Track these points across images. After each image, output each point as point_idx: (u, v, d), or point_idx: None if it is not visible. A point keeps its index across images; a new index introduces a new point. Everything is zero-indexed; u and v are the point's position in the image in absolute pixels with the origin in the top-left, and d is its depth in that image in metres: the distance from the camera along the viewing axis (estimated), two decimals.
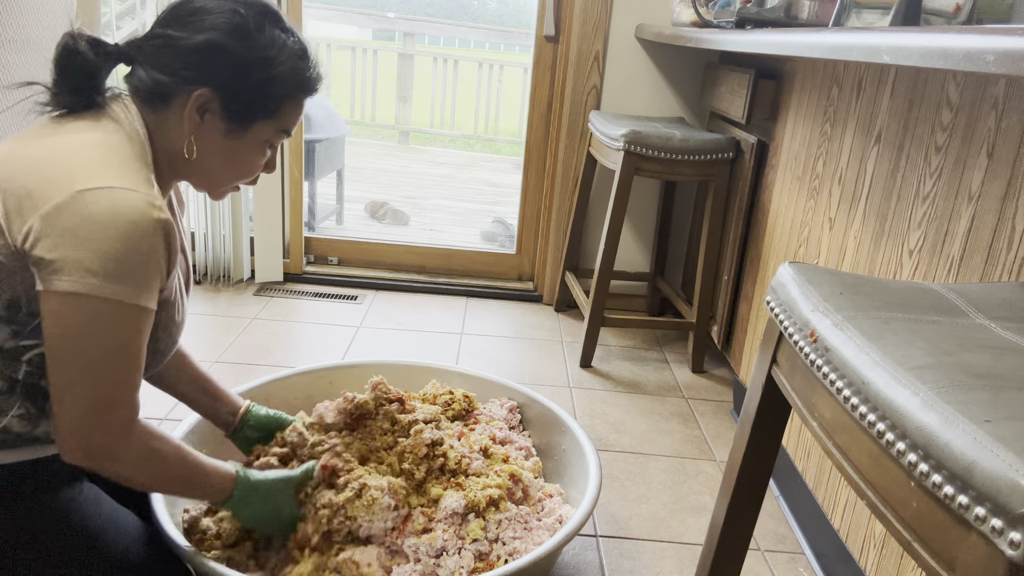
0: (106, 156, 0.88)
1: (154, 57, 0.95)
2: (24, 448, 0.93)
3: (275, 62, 0.97)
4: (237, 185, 1.07)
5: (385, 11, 7.32)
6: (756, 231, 2.00)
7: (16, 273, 0.85)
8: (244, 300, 2.52)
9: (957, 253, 1.12)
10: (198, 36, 0.94)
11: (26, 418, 0.92)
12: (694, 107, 2.58)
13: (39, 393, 0.92)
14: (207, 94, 0.95)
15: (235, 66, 0.95)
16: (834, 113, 1.57)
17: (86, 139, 0.89)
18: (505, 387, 1.64)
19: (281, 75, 0.98)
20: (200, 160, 0.99)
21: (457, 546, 1.19)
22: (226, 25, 0.94)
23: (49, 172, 0.84)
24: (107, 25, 2.49)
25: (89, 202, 0.82)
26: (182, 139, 0.97)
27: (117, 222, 0.82)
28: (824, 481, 1.46)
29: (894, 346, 0.63)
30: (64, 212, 0.82)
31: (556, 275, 2.71)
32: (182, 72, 0.94)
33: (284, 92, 1.00)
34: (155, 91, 0.95)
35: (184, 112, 0.95)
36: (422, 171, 5.79)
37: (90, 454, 0.88)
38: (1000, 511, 0.46)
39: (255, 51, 0.96)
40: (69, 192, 0.82)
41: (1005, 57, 0.65)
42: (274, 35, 0.98)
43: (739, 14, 1.77)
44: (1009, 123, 1.03)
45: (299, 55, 1.01)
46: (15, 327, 0.88)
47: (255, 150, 1.03)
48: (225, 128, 0.98)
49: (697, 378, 2.28)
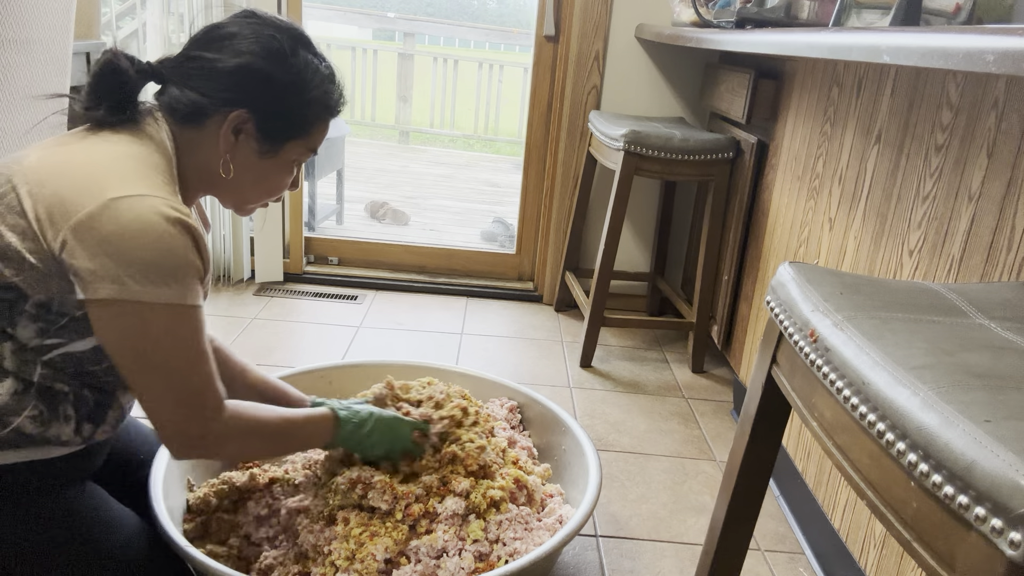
0: (136, 167, 0.90)
1: (190, 78, 0.98)
2: (33, 448, 0.94)
3: (309, 85, 1.01)
4: (266, 203, 1.11)
5: (385, 11, 7.32)
6: (756, 231, 2.00)
7: (51, 277, 0.87)
8: (244, 300, 2.52)
9: (957, 253, 1.12)
10: (235, 60, 0.97)
11: (38, 419, 0.92)
12: (694, 107, 2.58)
13: (53, 395, 0.93)
14: (243, 115, 0.98)
15: (271, 89, 0.99)
16: (834, 113, 1.57)
17: (118, 150, 0.92)
18: (505, 387, 1.64)
19: (314, 98, 1.02)
20: (231, 178, 1.02)
21: (457, 547, 1.19)
22: (262, 50, 0.98)
23: (81, 180, 0.87)
24: (107, 25, 2.49)
25: (122, 210, 0.85)
26: (214, 158, 1.00)
27: (149, 228, 0.85)
28: (824, 481, 1.46)
29: (894, 346, 0.63)
30: (97, 220, 0.84)
31: (556, 275, 2.71)
32: (219, 94, 0.97)
33: (315, 114, 1.04)
34: (191, 111, 0.98)
35: (219, 132, 0.98)
36: (422, 171, 5.79)
37: (194, 447, 0.95)
38: (1000, 511, 0.46)
39: (290, 75, 1.00)
40: (101, 200, 0.85)
41: (1005, 57, 0.65)
42: (307, 59, 1.02)
43: (739, 14, 1.77)
44: (1009, 123, 1.03)
45: (329, 79, 1.05)
46: (42, 325, 0.90)
47: (284, 169, 1.07)
48: (259, 149, 1.01)
49: (697, 378, 2.28)
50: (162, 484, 1.17)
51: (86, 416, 0.97)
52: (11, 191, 0.88)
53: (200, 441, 0.94)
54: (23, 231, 0.86)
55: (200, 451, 0.97)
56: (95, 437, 1.00)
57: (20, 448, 0.92)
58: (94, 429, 0.99)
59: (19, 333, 0.90)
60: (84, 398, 0.97)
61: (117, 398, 1.02)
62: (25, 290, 0.88)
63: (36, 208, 0.86)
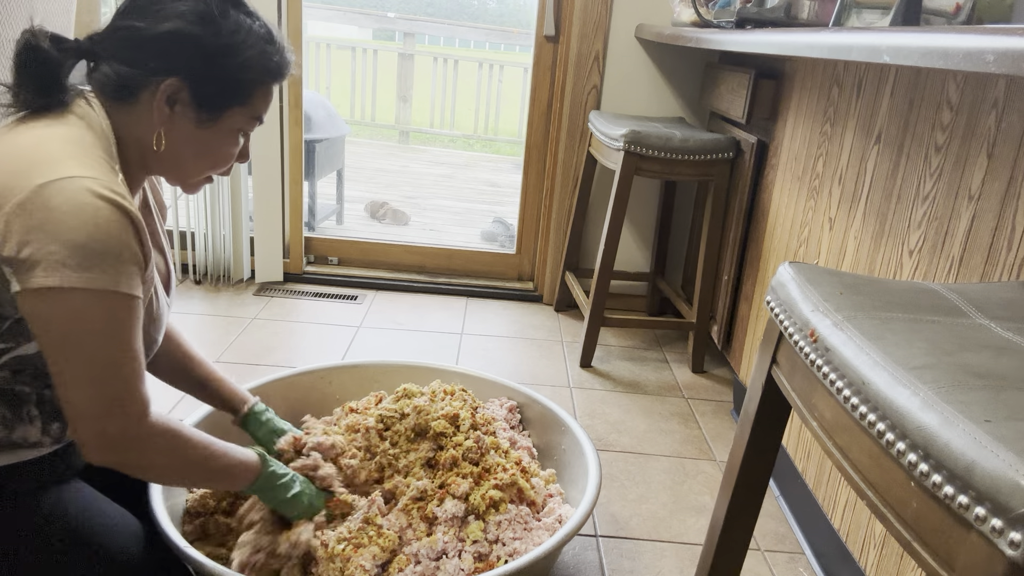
0: (65, 148, 0.85)
1: (118, 50, 0.93)
2: (3, 453, 0.92)
3: (243, 47, 0.95)
4: (210, 177, 1.05)
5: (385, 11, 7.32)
6: (756, 231, 2.00)
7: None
8: (244, 300, 2.52)
9: (957, 253, 1.12)
10: (162, 25, 0.91)
11: (2, 423, 0.91)
12: (694, 107, 2.58)
13: (13, 398, 0.91)
14: (176, 84, 0.93)
15: (203, 53, 0.93)
16: (834, 113, 1.57)
17: (46, 134, 0.87)
18: (505, 387, 1.64)
19: (250, 60, 0.96)
20: (171, 152, 0.97)
21: (457, 548, 1.19)
22: (190, 12, 0.92)
23: (10, 170, 0.82)
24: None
25: (52, 194, 0.80)
26: (151, 132, 0.95)
27: (82, 211, 0.80)
28: (824, 481, 1.46)
29: (894, 346, 0.63)
30: (27, 208, 0.80)
31: (556, 275, 2.71)
32: (148, 63, 0.92)
33: (254, 77, 0.98)
34: (121, 85, 0.93)
35: (153, 104, 0.93)
36: (422, 171, 5.79)
37: (108, 449, 0.87)
38: (1000, 511, 0.46)
39: (221, 37, 0.94)
40: (30, 187, 0.80)
41: (1005, 57, 0.65)
42: (239, 19, 0.96)
43: (739, 14, 1.77)
44: (1009, 123, 1.03)
45: (266, 39, 0.98)
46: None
47: (228, 139, 1.00)
48: (196, 118, 0.96)
49: (697, 378, 2.28)
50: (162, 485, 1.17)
51: (51, 415, 0.95)
52: None
53: (117, 443, 0.87)
54: None
55: (117, 455, 0.89)
56: (66, 436, 0.98)
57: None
58: (63, 428, 0.96)
59: None
60: (47, 398, 0.94)
61: None
62: None
63: None
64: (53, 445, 0.97)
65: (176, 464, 0.96)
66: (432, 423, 1.34)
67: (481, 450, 1.34)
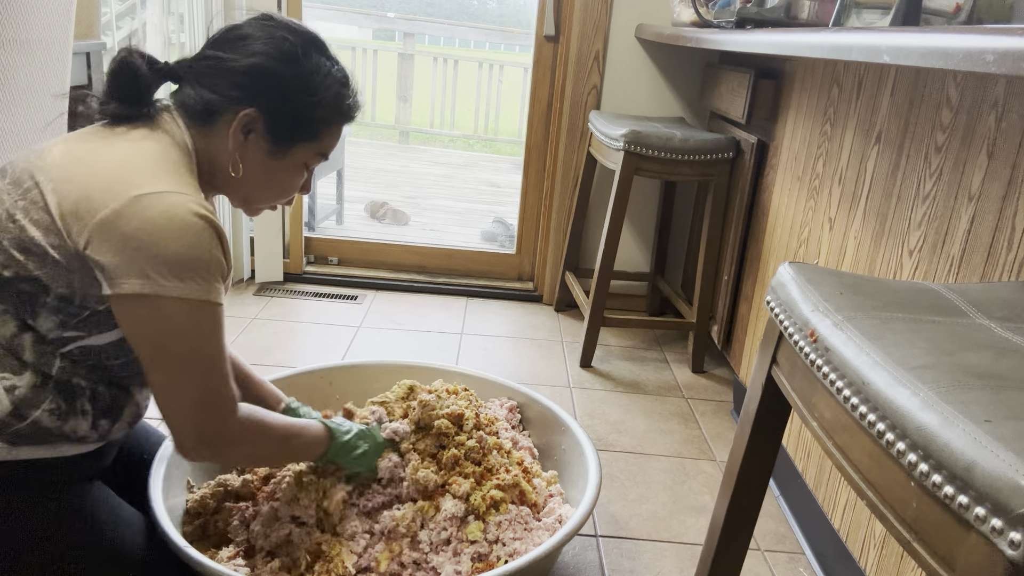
0: (159, 163, 0.92)
1: (203, 76, 1.00)
2: (50, 444, 0.95)
3: (320, 88, 1.02)
4: (274, 204, 1.12)
5: (385, 11, 7.31)
6: (756, 231, 2.00)
7: (74, 272, 0.89)
8: (244, 300, 2.52)
9: (957, 253, 1.12)
10: (247, 59, 0.98)
11: (56, 413, 0.93)
12: (694, 107, 2.58)
13: (71, 390, 0.94)
14: (253, 114, 0.99)
15: (281, 89, 1.00)
16: (834, 113, 1.57)
17: (140, 147, 0.93)
18: (505, 387, 1.64)
19: (324, 101, 1.03)
20: (242, 178, 1.03)
21: (456, 549, 1.20)
22: (275, 51, 0.99)
23: (106, 177, 0.88)
24: (107, 25, 2.49)
25: (147, 206, 0.86)
26: (225, 156, 1.01)
27: (175, 224, 0.87)
28: (824, 481, 1.46)
29: (894, 346, 0.63)
30: (123, 217, 0.85)
31: (556, 275, 2.71)
32: (230, 92, 0.99)
33: (326, 117, 1.05)
34: (203, 108, 0.99)
35: (229, 131, 0.99)
36: (422, 171, 5.79)
37: (208, 445, 0.95)
38: (1000, 511, 0.46)
39: (301, 76, 1.01)
40: (126, 197, 0.86)
41: (1005, 57, 0.65)
42: (319, 62, 1.03)
43: (739, 14, 1.77)
44: (1009, 123, 1.03)
45: (342, 83, 1.06)
46: (63, 317, 0.91)
47: (294, 172, 1.08)
48: (268, 149, 1.02)
49: (697, 378, 2.28)
50: (162, 485, 1.17)
51: (102, 412, 0.98)
52: (35, 187, 0.89)
53: (214, 440, 0.95)
54: (47, 227, 0.88)
55: (213, 451, 0.97)
56: (111, 434, 1.01)
57: (37, 444, 0.93)
58: (110, 425, 1.00)
59: (39, 325, 0.91)
60: (100, 394, 0.98)
61: (133, 395, 1.03)
62: (47, 283, 0.89)
63: (61, 204, 0.87)
64: (97, 442, 1.01)
65: (262, 451, 1.07)
66: (436, 422, 1.34)
67: (484, 450, 1.34)
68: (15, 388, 0.90)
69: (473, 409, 1.43)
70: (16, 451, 0.92)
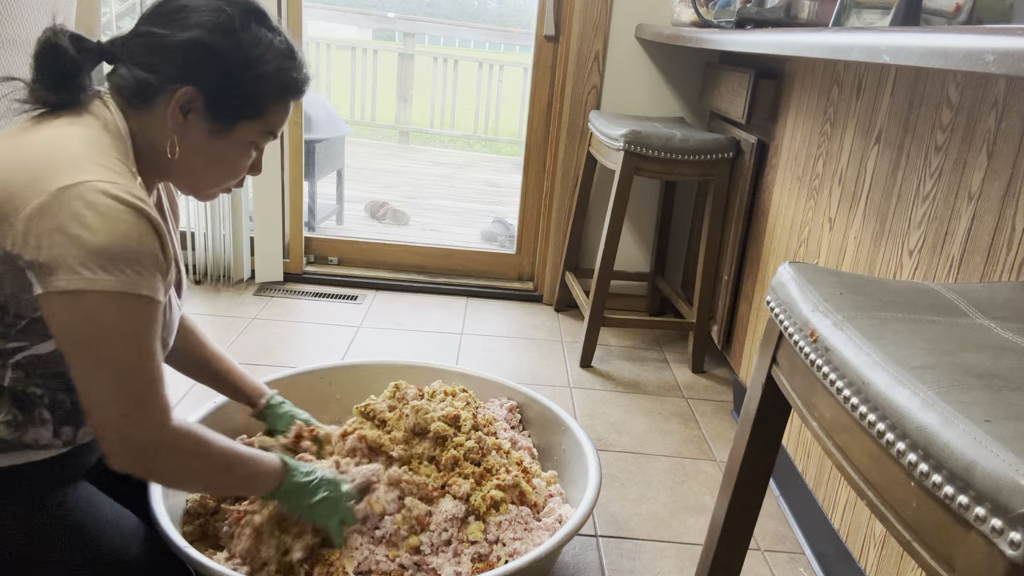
0: (86, 151, 0.86)
1: (137, 55, 0.94)
2: (10, 454, 0.92)
3: (261, 61, 0.96)
4: (226, 187, 1.05)
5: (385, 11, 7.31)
6: (756, 231, 2.00)
7: (3, 276, 0.84)
8: (244, 300, 2.52)
9: (957, 253, 1.12)
10: (182, 34, 0.92)
11: (12, 424, 0.91)
12: (694, 107, 2.58)
13: (26, 399, 0.92)
14: (191, 92, 0.93)
15: (220, 65, 0.94)
16: (834, 113, 1.57)
17: (65, 134, 0.88)
18: (505, 387, 1.64)
19: (267, 75, 0.96)
20: (183, 160, 0.97)
21: (456, 550, 1.20)
22: (211, 23, 0.93)
23: (29, 171, 0.83)
24: (107, 25, 2.49)
25: (72, 198, 0.81)
26: (165, 138, 0.95)
27: (102, 213, 0.81)
28: (824, 481, 1.46)
29: (894, 346, 0.63)
30: (48, 211, 0.80)
31: (556, 275, 2.71)
32: (165, 70, 0.92)
33: (270, 92, 0.98)
34: (138, 89, 0.93)
35: (167, 111, 0.93)
36: (422, 171, 5.79)
37: (133, 453, 0.87)
38: (1000, 511, 0.46)
39: (240, 50, 0.94)
40: (50, 191, 0.81)
41: (1005, 57, 0.65)
42: (260, 34, 0.96)
43: (739, 14, 1.77)
44: (1009, 123, 1.03)
45: (286, 55, 0.99)
46: (1, 328, 0.87)
47: (240, 151, 1.01)
48: (209, 128, 0.96)
49: (697, 378, 2.28)
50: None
51: (63, 419, 0.95)
52: None
53: (141, 450, 0.88)
54: None
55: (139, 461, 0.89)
56: (78, 439, 0.98)
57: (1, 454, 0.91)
58: (74, 431, 0.97)
59: None
60: (60, 401, 0.94)
61: None
62: None
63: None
64: (63, 448, 0.97)
65: (200, 470, 0.97)
66: (432, 425, 1.34)
67: (483, 451, 1.34)
68: None
69: (471, 410, 1.43)
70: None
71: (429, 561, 1.19)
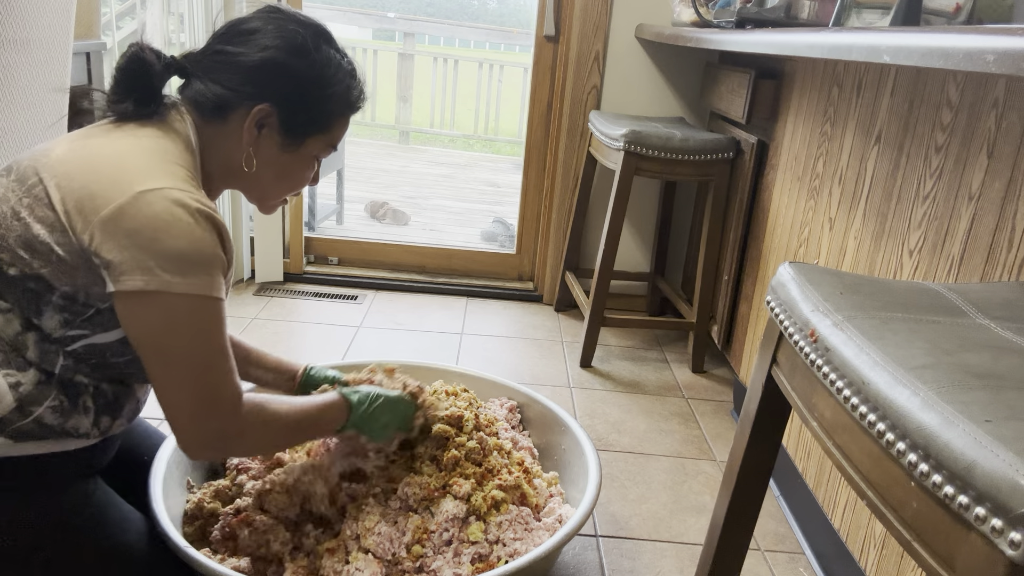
0: (163, 160, 0.92)
1: (213, 71, 0.99)
2: (52, 440, 0.94)
3: (332, 81, 1.03)
4: (285, 198, 1.12)
5: (385, 11, 7.31)
6: (756, 231, 2.00)
7: (78, 269, 0.88)
8: (244, 300, 2.52)
9: (957, 253, 1.12)
10: (259, 54, 0.98)
11: (58, 410, 0.93)
12: (694, 107, 2.58)
13: (74, 387, 0.94)
14: (267, 109, 0.99)
15: (294, 83, 1.00)
16: (834, 113, 1.57)
17: (144, 144, 0.93)
18: (505, 387, 1.64)
19: (336, 93, 1.04)
20: (255, 172, 1.03)
21: (456, 550, 1.20)
22: (286, 44, 0.99)
23: (109, 173, 0.88)
24: (107, 25, 2.49)
25: (150, 202, 0.86)
26: (237, 151, 1.01)
27: (179, 220, 0.86)
28: (824, 481, 1.46)
29: (894, 346, 0.63)
30: (126, 213, 0.85)
31: (556, 275, 2.71)
32: (242, 87, 0.98)
33: (337, 109, 1.05)
34: (215, 104, 0.99)
35: (243, 126, 0.99)
36: (422, 171, 5.79)
37: (211, 444, 0.94)
38: (1000, 511, 0.46)
39: (313, 69, 1.01)
40: (130, 193, 0.86)
41: (1005, 57, 0.65)
42: (330, 55, 1.03)
43: (739, 14, 1.77)
44: (1009, 123, 1.03)
45: (351, 74, 1.07)
46: (67, 316, 0.91)
47: (306, 164, 1.08)
48: (281, 142, 1.02)
49: (697, 378, 2.28)
50: (162, 485, 1.17)
51: (104, 408, 0.98)
52: (39, 184, 0.89)
53: (218, 437, 0.94)
54: (52, 223, 0.87)
55: (217, 448, 0.97)
56: (112, 430, 1.01)
57: (40, 439, 0.93)
58: (111, 422, 1.00)
59: (44, 323, 0.91)
60: (103, 391, 0.98)
61: (135, 391, 1.03)
62: (52, 281, 0.89)
63: (65, 201, 0.87)
64: (98, 438, 1.00)
65: (271, 438, 1.05)
66: (434, 426, 1.34)
67: (484, 451, 1.34)
68: (19, 384, 0.90)
69: (473, 410, 1.43)
70: (19, 447, 0.92)
71: (429, 562, 1.19)
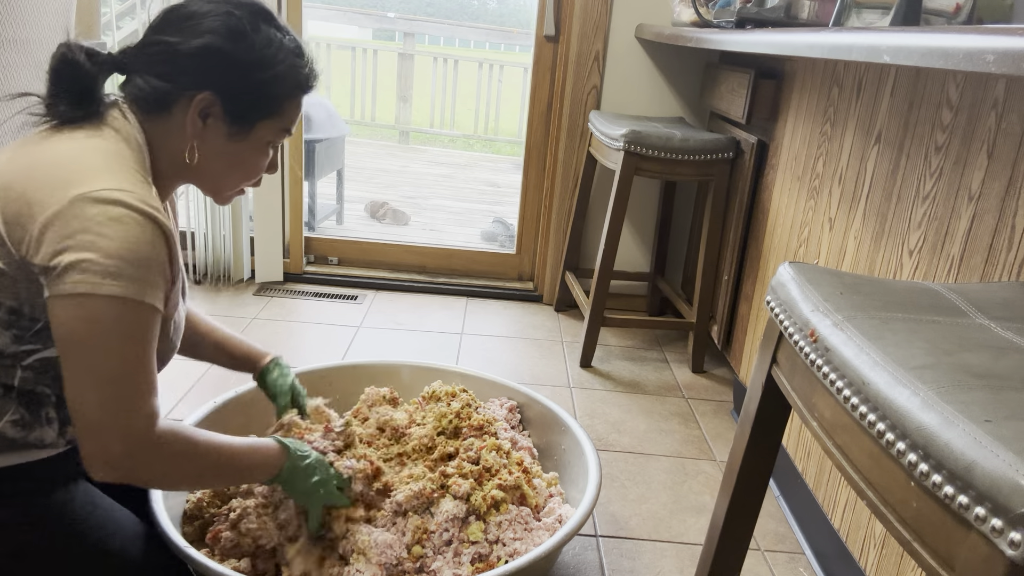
0: (102, 161, 0.88)
1: (152, 65, 0.95)
2: (15, 453, 0.92)
3: (273, 61, 0.97)
4: (242, 188, 1.07)
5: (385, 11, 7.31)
6: (756, 231, 2.00)
7: (19, 281, 0.85)
8: (244, 300, 2.52)
9: (957, 253, 1.12)
10: (195, 41, 0.93)
11: (20, 424, 0.91)
12: (694, 107, 2.58)
13: (34, 399, 0.92)
14: (209, 98, 0.95)
15: (235, 68, 0.95)
16: (834, 113, 1.57)
17: (83, 145, 0.89)
18: (505, 387, 1.64)
19: (280, 74, 0.98)
20: (204, 164, 0.99)
21: (456, 550, 1.20)
22: (222, 28, 0.94)
23: (47, 180, 0.84)
24: (107, 25, 2.49)
25: (87, 206, 0.82)
26: (185, 144, 0.97)
27: (115, 221, 0.82)
28: (824, 481, 1.46)
29: (894, 346, 0.63)
30: (63, 218, 0.82)
31: (556, 275, 2.71)
32: (181, 78, 0.94)
33: (284, 91, 1.00)
34: (155, 98, 0.95)
35: (186, 118, 0.95)
36: (422, 171, 5.79)
37: (114, 463, 0.86)
38: (1000, 511, 0.46)
39: (253, 52, 0.96)
40: (66, 199, 0.82)
41: (1005, 57, 0.65)
42: (270, 34, 0.98)
43: (739, 14, 1.77)
44: (1009, 123, 1.03)
45: (295, 53, 1.01)
46: (16, 331, 0.88)
47: (258, 151, 1.03)
48: (228, 131, 0.98)
49: (697, 378, 2.28)
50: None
51: (68, 418, 0.95)
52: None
53: (123, 457, 0.85)
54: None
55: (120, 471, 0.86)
56: None
57: (4, 453, 0.91)
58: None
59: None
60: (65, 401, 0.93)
61: None
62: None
63: (5, 212, 0.84)
64: (66, 447, 0.98)
65: (184, 473, 0.96)
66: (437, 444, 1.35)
67: (482, 451, 1.34)
68: None
69: (470, 411, 1.44)
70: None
71: (429, 562, 1.19)
